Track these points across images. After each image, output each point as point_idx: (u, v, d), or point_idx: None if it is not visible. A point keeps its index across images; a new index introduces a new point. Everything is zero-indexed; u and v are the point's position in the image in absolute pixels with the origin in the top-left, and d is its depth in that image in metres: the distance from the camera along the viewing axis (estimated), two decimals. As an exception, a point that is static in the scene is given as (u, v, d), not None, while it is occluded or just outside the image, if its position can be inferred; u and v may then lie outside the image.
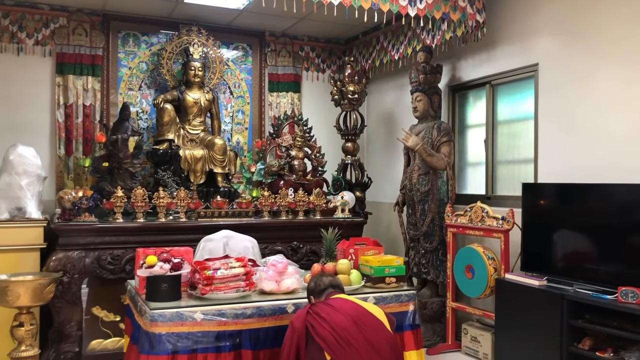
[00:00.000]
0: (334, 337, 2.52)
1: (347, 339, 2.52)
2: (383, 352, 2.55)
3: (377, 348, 2.55)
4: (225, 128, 5.86)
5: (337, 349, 2.50)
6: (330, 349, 2.50)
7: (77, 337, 4.10)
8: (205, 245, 3.93)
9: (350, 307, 2.65)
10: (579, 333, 3.43)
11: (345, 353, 2.49)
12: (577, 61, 3.96)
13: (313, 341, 2.55)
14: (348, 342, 2.51)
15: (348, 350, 2.49)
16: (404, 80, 5.57)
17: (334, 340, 2.51)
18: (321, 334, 2.53)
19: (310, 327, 2.57)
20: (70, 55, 5.22)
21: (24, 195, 4.25)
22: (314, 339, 2.55)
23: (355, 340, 2.52)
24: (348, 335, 2.52)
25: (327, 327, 2.54)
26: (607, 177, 3.63)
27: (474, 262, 4.27)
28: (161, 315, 2.66)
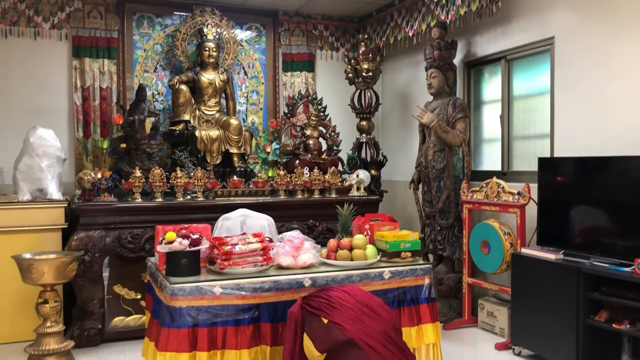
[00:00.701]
0: (327, 302, 2.65)
1: (339, 302, 2.66)
2: (374, 307, 2.71)
3: (368, 305, 2.70)
4: (240, 109, 5.89)
5: (330, 310, 2.62)
6: (324, 311, 2.62)
7: (99, 315, 4.20)
8: (222, 223, 3.99)
9: (342, 286, 2.84)
10: (596, 305, 3.44)
11: (338, 312, 2.61)
12: (594, 33, 3.91)
13: (309, 316, 2.66)
14: (340, 304, 2.65)
15: (341, 309, 2.62)
16: (419, 57, 5.54)
17: (327, 305, 2.64)
18: (314, 305, 2.68)
19: (305, 305, 2.70)
20: (86, 39, 5.27)
21: (45, 176, 4.34)
22: (309, 313, 2.67)
23: (348, 302, 2.67)
24: (340, 300, 2.67)
25: (320, 299, 2.70)
26: (624, 150, 3.60)
27: (489, 238, 4.28)
28: (181, 290, 2.72)
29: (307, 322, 2.66)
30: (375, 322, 2.64)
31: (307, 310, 2.69)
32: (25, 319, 4.12)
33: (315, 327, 2.62)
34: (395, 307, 3.14)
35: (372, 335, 2.59)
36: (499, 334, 4.35)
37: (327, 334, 2.58)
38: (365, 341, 2.56)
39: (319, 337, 2.58)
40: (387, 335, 2.63)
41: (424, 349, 3.18)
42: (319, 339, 2.58)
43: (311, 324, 2.64)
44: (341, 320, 2.59)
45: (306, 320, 2.67)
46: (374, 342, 2.57)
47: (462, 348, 4.22)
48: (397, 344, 2.66)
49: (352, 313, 2.63)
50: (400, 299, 3.14)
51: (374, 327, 2.62)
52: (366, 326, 2.61)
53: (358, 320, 2.62)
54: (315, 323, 2.63)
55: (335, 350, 2.55)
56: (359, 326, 2.60)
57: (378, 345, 2.57)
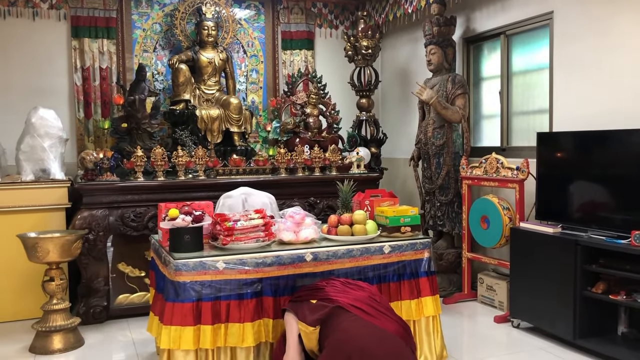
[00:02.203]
0: (314, 289, 2.85)
1: (324, 284, 2.87)
2: (357, 283, 2.93)
3: (351, 282, 2.92)
4: (240, 87, 5.89)
5: (317, 292, 2.80)
6: (313, 295, 2.80)
7: (104, 292, 4.26)
8: (224, 201, 4.03)
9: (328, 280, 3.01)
10: (593, 278, 3.50)
11: (324, 292, 2.78)
12: (593, 6, 3.91)
13: (300, 305, 2.79)
14: (325, 285, 2.85)
15: (326, 289, 2.80)
16: (418, 34, 5.53)
17: (314, 291, 2.82)
18: (303, 295, 2.84)
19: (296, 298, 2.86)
20: (85, 19, 5.25)
21: (47, 156, 4.37)
22: (300, 302, 2.81)
23: (332, 284, 2.87)
24: (325, 282, 2.88)
25: (308, 289, 2.89)
26: (622, 124, 3.61)
27: (489, 213, 4.32)
28: (185, 265, 2.78)
29: (298, 310, 2.77)
30: (358, 292, 2.83)
31: (297, 301, 2.82)
32: (32, 296, 4.18)
33: (305, 309, 2.73)
34: (395, 280, 3.21)
35: (358, 299, 2.76)
36: (498, 308, 4.42)
37: (316, 309, 2.70)
38: (353, 304, 2.71)
39: (309, 315, 2.69)
40: (371, 298, 2.81)
41: (423, 322, 3.26)
42: (310, 316, 2.68)
43: (301, 309, 2.75)
44: (327, 294, 2.76)
45: (297, 309, 2.77)
46: (360, 304, 2.74)
47: (461, 321, 4.29)
48: (382, 304, 2.84)
49: (336, 288, 2.82)
50: (400, 272, 3.20)
51: (358, 295, 2.80)
52: (351, 294, 2.79)
53: (342, 291, 2.80)
54: (304, 307, 2.75)
55: (326, 319, 2.66)
56: (344, 295, 2.77)
57: (365, 306, 2.74)
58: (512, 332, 3.99)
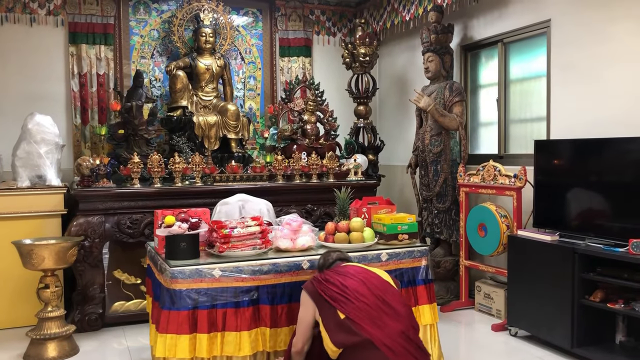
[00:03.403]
0: (344, 296, 2.59)
1: (356, 296, 2.59)
2: (392, 304, 2.63)
3: (386, 301, 2.62)
4: (238, 94, 5.89)
5: (347, 306, 2.57)
6: (342, 307, 2.57)
7: (100, 299, 4.23)
8: (221, 208, 4.02)
9: (358, 271, 2.73)
10: (591, 286, 3.49)
11: (356, 308, 2.56)
12: (590, 15, 3.92)
13: (325, 304, 2.62)
14: (357, 299, 2.58)
15: (358, 304, 2.57)
16: (416, 41, 5.54)
17: (343, 299, 2.58)
18: (331, 296, 2.61)
19: (321, 292, 2.64)
20: (83, 25, 5.25)
21: (44, 163, 4.35)
22: (325, 302, 2.62)
23: (364, 297, 2.60)
24: (357, 294, 2.59)
25: (336, 289, 2.61)
26: (619, 132, 3.62)
27: (486, 220, 4.32)
28: (181, 272, 2.76)
29: (322, 311, 2.62)
30: (393, 322, 2.58)
31: (321, 294, 2.64)
32: (27, 304, 4.15)
33: (332, 320, 2.58)
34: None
35: (390, 336, 2.53)
36: (496, 316, 4.40)
37: (344, 330, 2.54)
38: (384, 342, 2.50)
39: (335, 332, 2.56)
40: (405, 335, 2.57)
41: (421, 330, 3.23)
42: (336, 335, 2.55)
43: (327, 315, 2.60)
44: (359, 318, 2.54)
45: (321, 309, 2.63)
46: (392, 342, 2.51)
47: (459, 329, 4.27)
48: (415, 343, 2.60)
49: (370, 311, 2.57)
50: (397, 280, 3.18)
51: (392, 327, 2.56)
52: (385, 325, 2.55)
53: (377, 319, 2.56)
54: (331, 315, 2.59)
55: (353, 347, 2.52)
56: (377, 326, 2.54)
57: (396, 345, 2.51)
58: (509, 340, 3.97)
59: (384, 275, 2.78)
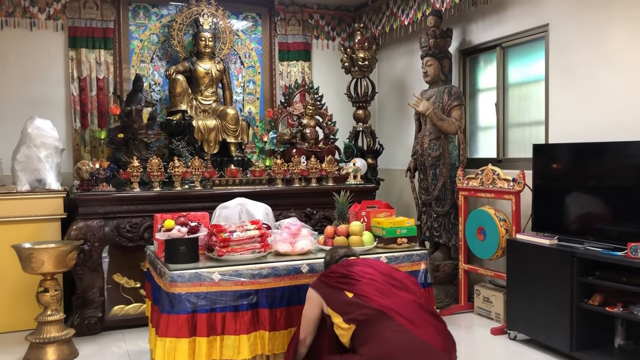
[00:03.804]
0: (350, 278, 2.57)
1: (362, 275, 2.57)
2: (401, 279, 2.61)
3: (395, 277, 2.61)
4: (237, 98, 5.90)
5: (354, 285, 2.53)
6: (348, 287, 2.54)
7: (99, 303, 4.24)
8: (220, 212, 4.03)
9: (364, 260, 2.75)
10: (589, 290, 3.49)
11: (363, 285, 2.52)
12: (588, 18, 3.94)
13: (332, 292, 2.58)
14: (363, 277, 2.56)
15: (365, 282, 2.53)
16: (414, 45, 5.56)
17: (350, 280, 2.56)
18: (337, 281, 2.60)
19: (327, 282, 2.63)
20: (82, 29, 5.26)
21: (43, 167, 4.36)
22: (332, 289, 2.59)
23: (371, 275, 2.58)
24: (363, 274, 2.58)
25: (341, 275, 2.61)
26: (618, 136, 3.63)
27: (485, 224, 4.32)
28: (180, 276, 2.76)
29: (330, 298, 2.58)
30: (404, 293, 2.52)
31: (328, 284, 2.61)
32: (26, 308, 4.15)
33: (340, 302, 2.53)
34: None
35: (402, 305, 2.45)
36: (495, 319, 4.40)
37: (354, 307, 2.49)
38: (397, 311, 2.42)
39: (345, 311, 2.50)
40: (417, 303, 2.49)
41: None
42: (346, 312, 2.49)
43: (335, 300, 2.56)
44: (367, 293, 2.49)
45: (329, 297, 2.59)
46: (405, 311, 2.43)
47: (458, 333, 4.26)
48: (429, 310, 2.51)
49: (377, 285, 2.52)
50: None
51: (403, 297, 2.49)
52: (395, 296, 2.48)
53: (386, 292, 2.50)
54: (339, 298, 2.55)
55: (365, 322, 2.45)
56: (387, 297, 2.48)
57: (410, 314, 2.43)
58: (509, 344, 3.98)
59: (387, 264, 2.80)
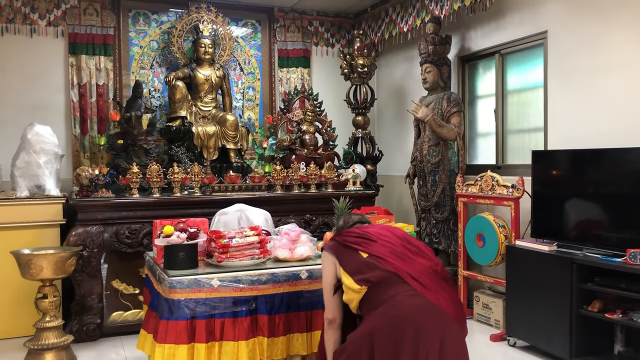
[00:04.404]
0: (366, 238, 2.50)
1: (379, 237, 2.50)
2: (417, 244, 2.54)
3: (411, 242, 2.53)
4: (237, 105, 5.91)
5: (370, 246, 2.47)
6: (364, 247, 2.47)
7: (98, 309, 4.23)
8: (220, 218, 4.02)
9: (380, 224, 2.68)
10: (589, 296, 3.48)
11: (380, 246, 2.46)
12: (587, 26, 3.95)
13: (346, 251, 2.51)
14: (379, 239, 2.49)
15: (382, 243, 2.47)
16: (413, 52, 5.57)
17: (366, 240, 2.49)
18: (352, 241, 2.52)
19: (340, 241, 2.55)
20: (82, 36, 5.28)
21: (43, 173, 4.36)
22: (346, 248, 2.52)
23: (388, 237, 2.51)
24: (379, 235, 2.51)
25: (356, 235, 2.54)
26: (616, 142, 3.64)
27: (484, 231, 4.32)
28: (179, 282, 2.76)
29: (343, 258, 2.50)
30: (420, 258, 2.45)
31: (343, 244, 2.53)
32: (25, 314, 4.14)
33: (354, 263, 2.46)
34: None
35: (417, 269, 2.39)
36: (494, 326, 4.40)
37: (368, 268, 2.42)
38: (412, 275, 2.36)
39: (358, 272, 2.42)
40: (433, 270, 2.43)
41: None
42: (359, 274, 2.41)
43: (348, 260, 2.48)
44: (383, 254, 2.42)
45: (342, 256, 2.51)
46: (420, 276, 2.37)
47: (457, 340, 4.25)
48: (443, 277, 2.45)
49: (393, 248, 2.46)
50: None
51: (419, 262, 2.43)
52: (411, 261, 2.42)
53: (402, 256, 2.44)
54: (353, 258, 2.47)
55: (378, 284, 2.37)
56: (403, 261, 2.41)
57: (424, 278, 2.37)
58: (508, 350, 3.97)
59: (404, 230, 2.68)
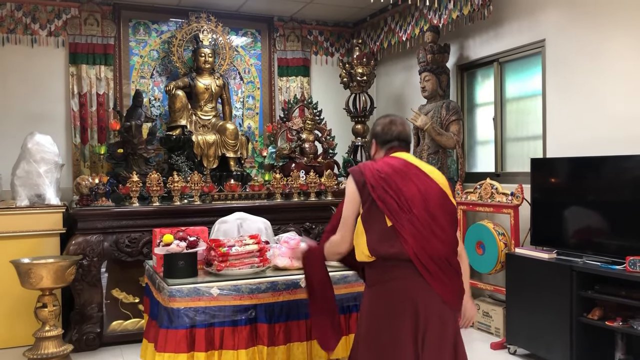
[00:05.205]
0: (396, 202, 2.31)
1: (409, 207, 2.31)
2: (443, 223, 2.36)
3: (438, 220, 2.35)
4: (236, 113, 5.93)
5: (398, 215, 2.30)
6: (392, 215, 2.30)
7: (98, 318, 4.22)
8: (219, 227, 4.02)
9: (418, 174, 2.39)
10: (589, 304, 3.48)
11: (406, 220, 2.29)
12: (584, 34, 3.97)
13: (372, 204, 2.35)
14: (409, 210, 2.31)
15: (409, 217, 2.30)
16: (412, 61, 5.60)
17: (395, 205, 2.31)
18: (382, 197, 2.33)
19: (371, 188, 2.35)
20: (83, 45, 5.31)
21: (43, 182, 4.37)
22: (373, 201, 2.35)
23: (417, 209, 2.32)
24: (411, 205, 2.31)
25: (390, 191, 2.33)
26: (615, 150, 3.65)
27: (484, 238, 4.32)
28: (179, 291, 2.75)
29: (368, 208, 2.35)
30: (440, 244, 2.33)
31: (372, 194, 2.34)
32: (24, 323, 4.13)
33: (376, 225, 2.33)
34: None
35: (432, 257, 2.30)
36: (495, 334, 4.39)
37: (385, 239, 2.31)
38: (422, 261, 2.28)
39: (375, 239, 2.32)
40: (447, 260, 2.34)
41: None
42: (375, 242, 2.32)
43: (372, 217, 2.34)
44: (405, 231, 2.28)
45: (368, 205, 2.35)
46: (431, 264, 2.29)
47: (458, 348, 4.24)
48: (453, 268, 2.37)
49: (419, 227, 2.30)
50: None
51: (437, 249, 2.31)
52: (430, 247, 2.30)
53: (424, 239, 2.30)
54: (377, 219, 2.33)
55: (387, 259, 2.31)
56: (422, 246, 2.30)
57: (434, 267, 2.30)
58: (508, 359, 3.96)
59: (442, 182, 2.42)
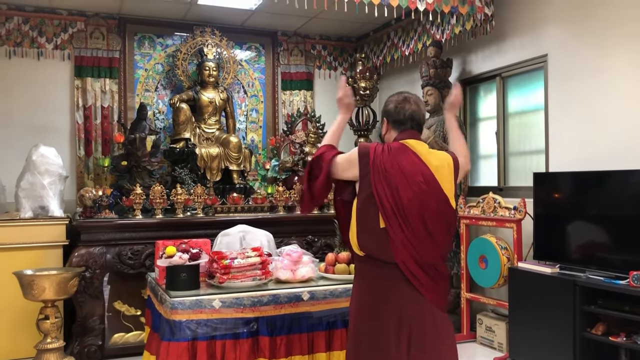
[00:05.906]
0: (393, 208, 2.28)
1: (405, 215, 2.27)
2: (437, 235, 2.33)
3: (431, 232, 2.31)
4: (240, 127, 5.96)
5: (392, 220, 2.27)
6: (386, 216, 2.27)
7: (100, 331, 4.21)
8: (222, 239, 4.03)
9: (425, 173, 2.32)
10: (592, 319, 3.46)
11: (399, 227, 2.27)
12: (587, 49, 3.99)
13: (371, 197, 2.31)
14: (405, 219, 2.27)
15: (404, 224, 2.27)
16: (415, 75, 5.63)
17: (391, 209, 2.27)
18: (381, 197, 2.29)
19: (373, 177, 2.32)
20: (88, 59, 5.36)
21: (47, 194, 4.39)
22: (370, 194, 2.31)
23: (414, 218, 2.28)
24: (408, 213, 2.28)
25: (389, 194, 2.29)
26: (617, 164, 3.65)
27: (487, 253, 4.32)
28: (181, 303, 2.75)
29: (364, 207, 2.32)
30: (430, 252, 2.31)
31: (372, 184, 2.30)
32: (26, 335, 4.12)
33: (369, 221, 2.31)
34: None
35: (419, 263, 2.28)
36: (498, 349, 4.36)
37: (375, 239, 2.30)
38: (410, 268, 2.27)
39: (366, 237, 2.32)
40: (434, 266, 2.32)
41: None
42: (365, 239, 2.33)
43: (366, 211, 2.32)
44: (397, 238, 2.26)
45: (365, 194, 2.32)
46: (417, 270, 2.28)
47: (460, 363, 4.22)
48: (440, 272, 2.34)
49: (411, 239, 2.27)
50: None
51: (427, 257, 2.30)
52: (419, 255, 2.28)
53: (414, 249, 2.28)
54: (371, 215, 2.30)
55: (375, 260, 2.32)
56: (411, 254, 2.28)
57: (420, 272, 2.28)
58: (511, 374, 3.94)
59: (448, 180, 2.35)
